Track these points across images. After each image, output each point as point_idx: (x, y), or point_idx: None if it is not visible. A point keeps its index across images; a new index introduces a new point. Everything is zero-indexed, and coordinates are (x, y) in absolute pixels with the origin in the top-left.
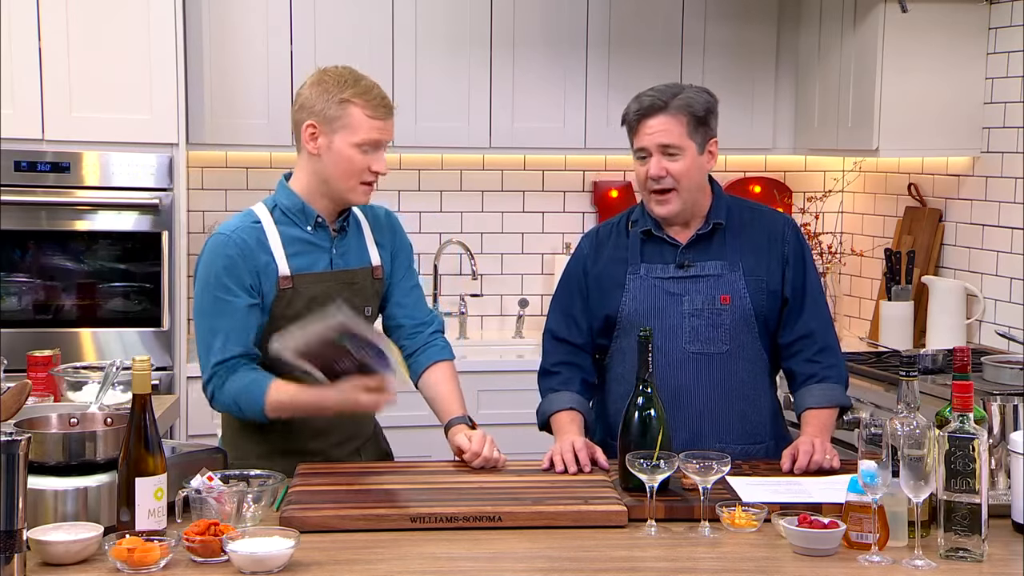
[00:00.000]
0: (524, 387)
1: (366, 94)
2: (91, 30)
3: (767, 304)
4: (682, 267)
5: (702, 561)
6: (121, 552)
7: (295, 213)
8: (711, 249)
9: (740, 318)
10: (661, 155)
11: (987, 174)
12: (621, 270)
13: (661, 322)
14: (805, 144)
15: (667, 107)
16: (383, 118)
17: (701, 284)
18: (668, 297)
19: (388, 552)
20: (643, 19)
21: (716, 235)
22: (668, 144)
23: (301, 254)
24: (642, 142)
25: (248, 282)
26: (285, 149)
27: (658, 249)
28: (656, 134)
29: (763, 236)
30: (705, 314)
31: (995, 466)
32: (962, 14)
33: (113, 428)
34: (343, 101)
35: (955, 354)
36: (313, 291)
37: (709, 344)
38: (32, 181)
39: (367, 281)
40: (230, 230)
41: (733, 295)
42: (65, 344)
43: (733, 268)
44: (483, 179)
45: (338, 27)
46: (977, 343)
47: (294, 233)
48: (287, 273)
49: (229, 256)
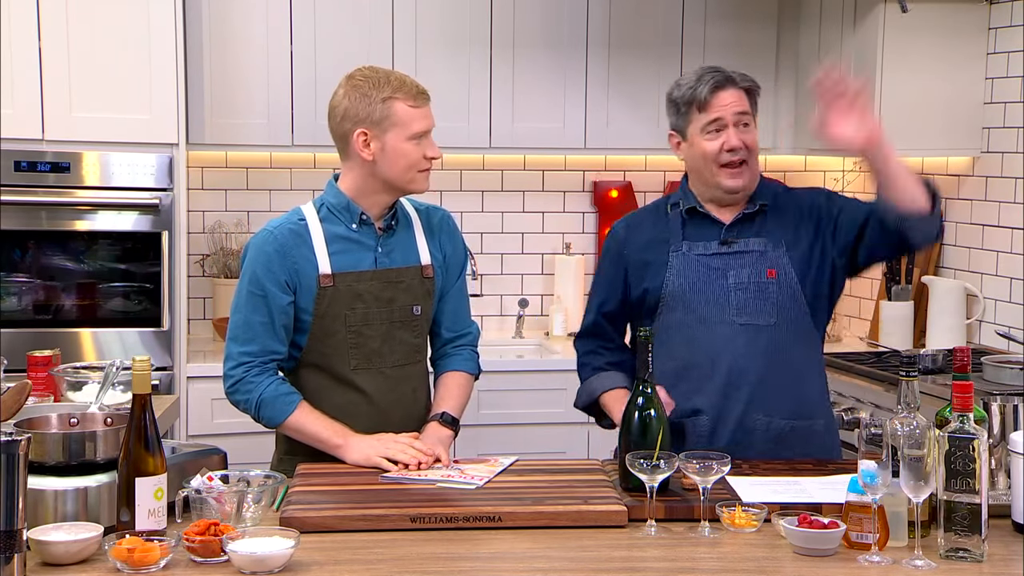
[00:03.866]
0: (524, 387)
1: (403, 87)
2: (91, 30)
3: (814, 278)
4: (725, 243)
5: (702, 561)
6: (121, 552)
7: (340, 211)
8: (753, 228)
9: (787, 293)
10: (736, 126)
11: (987, 174)
12: (664, 249)
13: (706, 295)
14: (805, 144)
15: (737, 82)
16: (424, 104)
17: (746, 259)
18: (712, 272)
19: (388, 552)
20: (643, 19)
21: (758, 216)
22: (744, 112)
23: (344, 252)
24: (718, 112)
25: (283, 278)
26: (285, 149)
27: (701, 229)
28: (732, 104)
29: (799, 213)
30: (751, 288)
31: (995, 466)
32: (962, 14)
33: (113, 428)
34: (386, 100)
35: (955, 354)
36: (357, 289)
37: (756, 316)
38: (32, 181)
39: (415, 280)
40: (273, 227)
41: (779, 270)
42: (65, 344)
43: (776, 246)
44: (483, 179)
45: (338, 27)
46: (977, 343)
47: (338, 231)
48: (328, 271)
49: (267, 253)
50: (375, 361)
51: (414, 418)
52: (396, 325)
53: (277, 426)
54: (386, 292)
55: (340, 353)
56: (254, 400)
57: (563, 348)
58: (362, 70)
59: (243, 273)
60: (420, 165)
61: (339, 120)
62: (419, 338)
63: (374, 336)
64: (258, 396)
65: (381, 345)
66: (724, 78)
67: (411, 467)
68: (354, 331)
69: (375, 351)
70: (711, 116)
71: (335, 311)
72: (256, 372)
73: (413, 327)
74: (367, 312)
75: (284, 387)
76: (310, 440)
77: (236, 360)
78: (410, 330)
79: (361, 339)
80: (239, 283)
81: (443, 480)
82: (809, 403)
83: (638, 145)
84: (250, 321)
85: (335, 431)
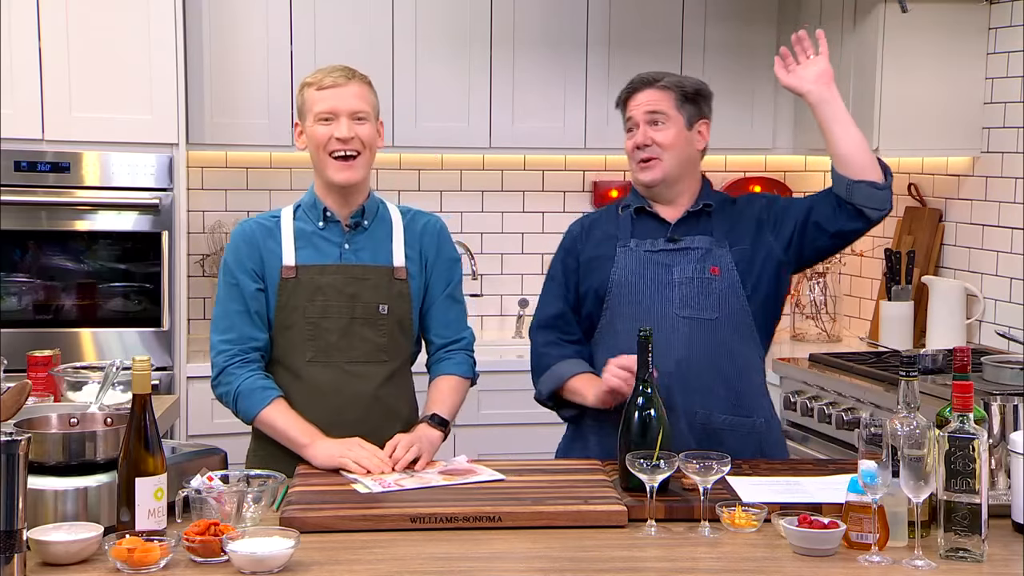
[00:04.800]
0: (524, 387)
1: (317, 74)
2: (91, 30)
3: (756, 275)
4: (672, 241)
5: (702, 561)
6: (121, 552)
7: (309, 209)
8: (698, 227)
9: (728, 288)
10: (647, 124)
11: (987, 174)
12: (611, 245)
13: (651, 288)
14: (805, 144)
15: (657, 82)
16: (332, 85)
17: (691, 255)
18: (657, 267)
19: (388, 552)
20: (643, 19)
21: (703, 216)
22: (654, 111)
23: (309, 247)
24: (630, 112)
25: (250, 267)
26: (285, 149)
27: (648, 227)
28: (642, 104)
29: (745, 211)
30: (695, 283)
31: (995, 466)
32: (962, 14)
33: (113, 428)
34: (302, 88)
35: (955, 354)
36: (318, 282)
37: (699, 310)
38: (32, 181)
39: (383, 279)
40: (250, 220)
41: (722, 267)
42: (65, 344)
43: (720, 244)
44: (483, 179)
45: (338, 27)
46: (977, 343)
47: (307, 228)
48: (291, 263)
49: (237, 244)
50: (332, 355)
51: (373, 422)
52: (358, 321)
53: (251, 420)
54: (349, 287)
55: (297, 345)
56: (232, 392)
57: None
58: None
59: (221, 265)
60: (330, 146)
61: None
62: (385, 338)
63: (332, 330)
64: (236, 388)
65: (339, 339)
66: (640, 81)
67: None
68: (312, 323)
69: (332, 344)
70: (626, 115)
71: (295, 303)
72: (238, 364)
73: (379, 326)
74: (327, 305)
75: (262, 381)
76: (280, 437)
77: (217, 349)
78: (374, 328)
79: (318, 331)
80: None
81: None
82: (748, 399)
83: None
84: (228, 310)
85: (303, 431)
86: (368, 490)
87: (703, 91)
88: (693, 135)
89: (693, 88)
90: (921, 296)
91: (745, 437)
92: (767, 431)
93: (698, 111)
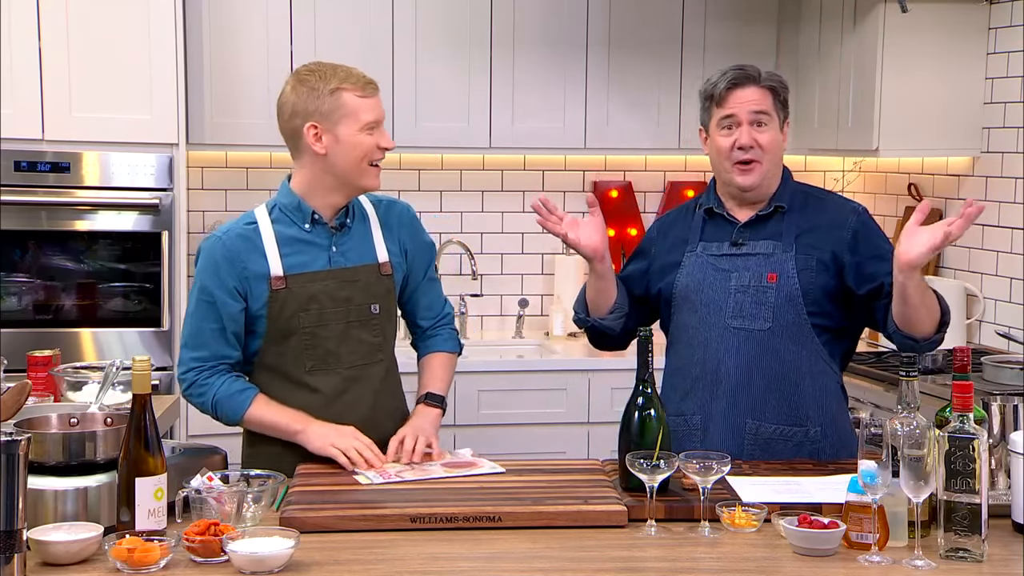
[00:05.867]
0: (524, 387)
1: (350, 78)
2: (91, 30)
3: (816, 283)
4: (736, 244)
5: (702, 561)
6: (121, 552)
7: (292, 211)
8: (767, 229)
9: (785, 297)
10: (751, 124)
11: (987, 174)
12: (681, 250)
13: (707, 296)
14: (805, 144)
15: (759, 80)
16: (373, 94)
17: (751, 262)
18: (717, 273)
19: (388, 552)
20: (643, 19)
21: (775, 217)
22: (761, 111)
23: (296, 253)
24: (732, 109)
25: (232, 285)
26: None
27: (717, 228)
28: (749, 102)
29: (824, 220)
30: (751, 291)
31: (995, 466)
32: (962, 14)
33: (113, 428)
34: (334, 91)
35: (955, 354)
36: (310, 290)
37: (751, 320)
38: (32, 181)
39: (372, 278)
40: (223, 232)
41: (781, 274)
42: (65, 344)
43: (786, 248)
44: (483, 179)
45: (338, 27)
46: (977, 343)
47: (291, 232)
48: (280, 273)
49: (215, 260)
50: (331, 362)
51: (375, 422)
52: (353, 324)
53: (236, 422)
54: (342, 291)
55: (295, 355)
56: (209, 401)
57: (563, 348)
58: (308, 65)
59: (195, 279)
60: (373, 156)
61: (287, 117)
62: (379, 337)
63: (330, 337)
64: (212, 397)
65: (338, 346)
66: (744, 75)
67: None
68: (309, 332)
69: (331, 352)
70: (725, 112)
71: (288, 313)
72: (207, 375)
73: (372, 326)
74: (322, 312)
75: (237, 384)
76: (270, 431)
77: (187, 365)
78: (368, 329)
79: (316, 340)
80: (191, 289)
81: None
82: (802, 409)
83: (638, 145)
84: (201, 328)
85: (294, 418)
86: (369, 481)
87: (787, 88)
88: (783, 136)
89: (784, 88)
90: None
91: (798, 446)
92: (823, 439)
93: (786, 112)
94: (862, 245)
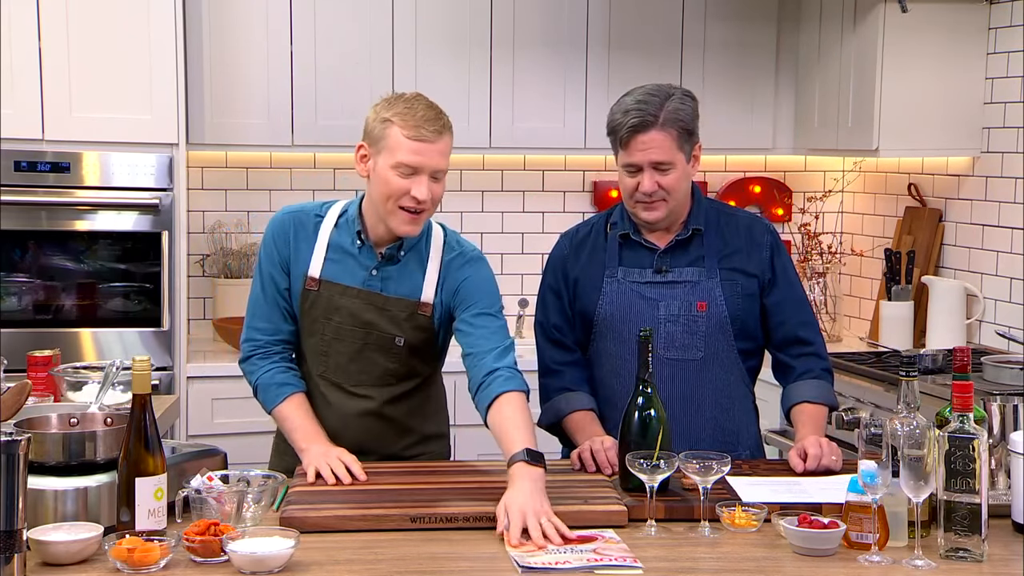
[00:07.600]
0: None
1: (406, 114)
2: (91, 30)
3: (743, 308)
4: (659, 272)
5: (702, 561)
6: (121, 552)
7: (349, 223)
8: (688, 254)
9: (716, 325)
10: (653, 170)
11: (987, 174)
12: (599, 272)
13: (636, 327)
14: (805, 144)
15: (657, 121)
16: (423, 140)
17: (677, 290)
18: (644, 302)
19: (388, 552)
20: (643, 19)
21: (694, 240)
22: (661, 161)
23: (338, 262)
24: (633, 158)
25: (278, 260)
26: (285, 149)
27: (636, 253)
28: (649, 151)
29: (741, 241)
30: (681, 320)
31: (995, 466)
32: (962, 14)
33: (113, 428)
34: (385, 121)
35: (955, 354)
36: (336, 302)
37: (684, 350)
38: (32, 181)
39: (405, 313)
40: (291, 210)
41: (709, 302)
42: (65, 344)
43: (710, 275)
44: (483, 179)
45: (338, 27)
46: (977, 343)
47: (342, 242)
48: (316, 275)
49: (273, 235)
50: (340, 376)
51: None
52: (371, 347)
53: (268, 412)
54: (366, 314)
55: (313, 355)
56: (253, 383)
57: None
58: (406, 92)
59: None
60: (400, 200)
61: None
62: (398, 364)
63: (343, 353)
64: (255, 380)
65: (349, 363)
66: (643, 121)
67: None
68: (325, 341)
69: (341, 367)
70: (628, 159)
71: (314, 315)
72: (261, 355)
73: (392, 354)
74: (340, 328)
75: (280, 376)
76: (287, 435)
77: (246, 335)
78: (388, 356)
79: (331, 351)
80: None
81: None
82: (732, 434)
83: None
84: (258, 298)
85: (304, 435)
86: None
87: (696, 115)
88: (691, 166)
89: (691, 119)
90: (921, 296)
91: None
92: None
93: (694, 140)
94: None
